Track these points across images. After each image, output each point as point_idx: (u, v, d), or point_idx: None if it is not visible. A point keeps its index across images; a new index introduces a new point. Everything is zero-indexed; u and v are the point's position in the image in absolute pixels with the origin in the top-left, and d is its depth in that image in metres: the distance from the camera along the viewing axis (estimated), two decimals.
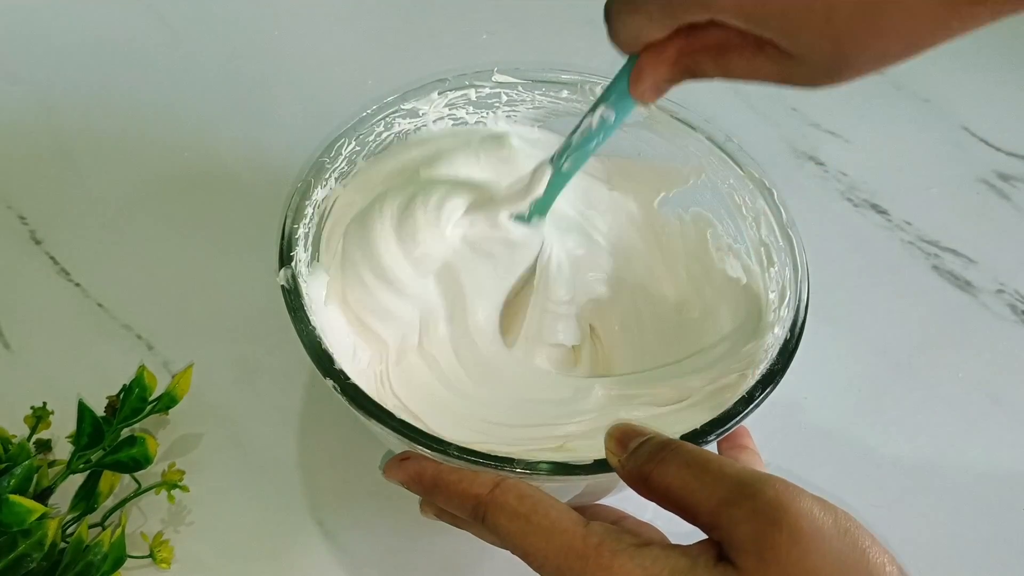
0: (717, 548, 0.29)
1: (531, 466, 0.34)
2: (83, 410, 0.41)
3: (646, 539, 0.30)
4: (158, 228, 0.54)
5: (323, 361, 0.37)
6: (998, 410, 0.50)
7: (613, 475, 0.33)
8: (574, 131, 0.38)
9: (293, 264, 0.39)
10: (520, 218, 0.41)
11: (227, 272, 0.52)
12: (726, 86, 0.63)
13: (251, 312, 0.51)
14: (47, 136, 0.57)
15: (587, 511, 0.37)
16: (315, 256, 0.42)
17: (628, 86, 0.33)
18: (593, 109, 0.36)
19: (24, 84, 0.60)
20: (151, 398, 0.44)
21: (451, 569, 0.43)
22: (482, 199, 0.42)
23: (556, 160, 0.39)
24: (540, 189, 0.40)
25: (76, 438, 0.41)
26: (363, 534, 0.44)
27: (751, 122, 0.61)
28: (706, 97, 0.62)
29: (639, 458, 0.31)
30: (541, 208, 0.41)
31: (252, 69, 0.62)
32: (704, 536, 0.30)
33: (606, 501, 0.40)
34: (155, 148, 0.57)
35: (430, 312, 0.42)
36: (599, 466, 0.34)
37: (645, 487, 0.31)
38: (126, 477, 0.43)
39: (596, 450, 0.34)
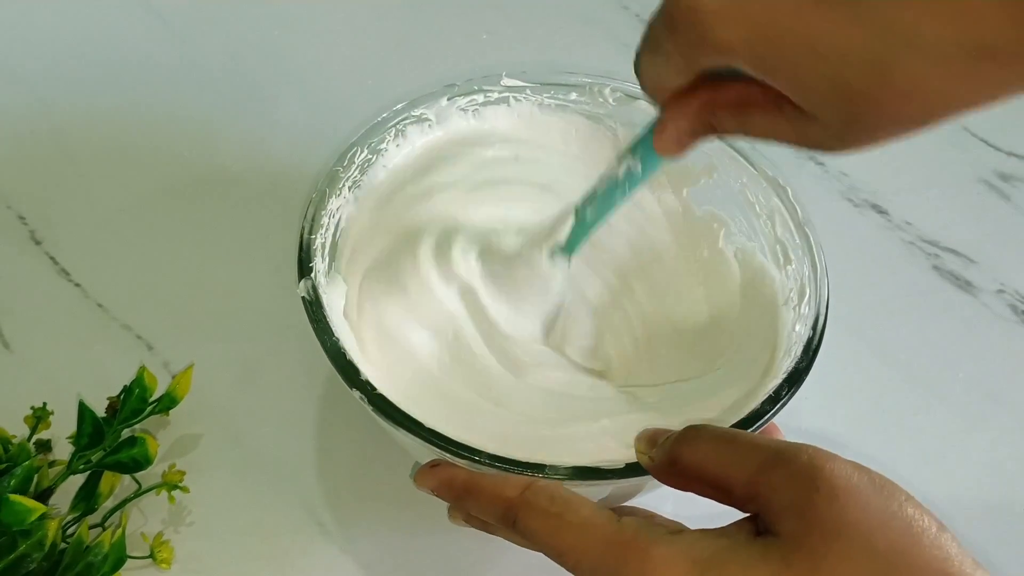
0: (753, 524, 0.29)
1: (561, 471, 0.33)
2: (83, 410, 0.41)
3: (680, 525, 0.30)
4: (158, 228, 0.54)
5: (348, 372, 0.36)
6: (998, 410, 0.50)
7: (641, 479, 0.33)
8: (599, 181, 0.38)
9: (312, 275, 0.39)
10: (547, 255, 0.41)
11: (227, 272, 0.52)
12: None
13: (251, 312, 0.50)
14: (47, 136, 0.57)
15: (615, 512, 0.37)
16: (332, 266, 0.41)
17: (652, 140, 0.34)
18: (620, 160, 0.36)
19: (24, 84, 0.60)
20: (151, 399, 0.44)
21: (453, 569, 0.43)
22: (495, 241, 0.42)
23: (580, 208, 0.39)
24: (561, 236, 0.40)
25: (76, 438, 0.41)
26: (364, 534, 0.44)
27: None
28: None
29: (667, 445, 0.31)
30: (568, 250, 0.40)
31: (252, 69, 0.62)
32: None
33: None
34: (155, 148, 0.57)
35: (450, 333, 0.42)
36: (630, 470, 0.34)
37: (676, 470, 0.31)
38: (126, 478, 0.43)
39: (626, 454, 0.34)
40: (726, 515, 0.30)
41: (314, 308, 0.38)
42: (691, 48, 0.29)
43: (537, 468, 0.34)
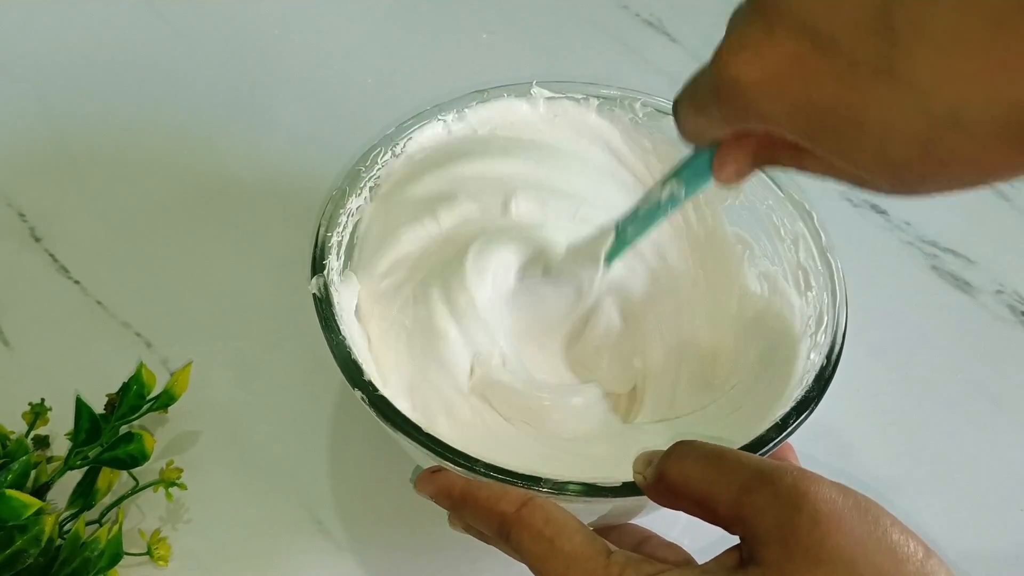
0: (736, 554, 0.29)
1: (558, 486, 0.33)
2: (80, 406, 0.41)
3: (665, 567, 0.29)
4: (158, 226, 0.54)
5: (352, 372, 0.36)
6: (997, 411, 0.50)
7: (638, 499, 0.33)
8: (641, 200, 0.38)
9: (325, 272, 0.39)
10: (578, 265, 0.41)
11: (226, 270, 0.52)
12: None
13: (250, 310, 0.51)
14: (46, 133, 0.57)
15: (612, 531, 0.37)
16: (348, 265, 0.41)
17: (706, 167, 0.33)
18: (663, 183, 0.36)
19: (24, 82, 0.60)
20: (150, 396, 0.44)
21: (451, 570, 0.43)
22: (534, 253, 0.42)
23: (621, 226, 0.39)
24: (599, 252, 0.40)
25: (74, 434, 0.41)
26: (361, 532, 0.44)
27: None
28: None
29: (657, 461, 0.32)
30: (608, 260, 0.40)
31: (252, 67, 0.62)
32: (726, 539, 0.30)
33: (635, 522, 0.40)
34: (154, 147, 0.57)
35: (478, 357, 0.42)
36: (627, 488, 0.33)
37: (664, 486, 0.31)
38: (124, 475, 0.43)
39: (624, 473, 0.34)
40: (731, 539, 0.30)
41: (323, 306, 0.38)
42: (736, 116, 0.29)
43: (533, 480, 0.33)
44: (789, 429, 0.36)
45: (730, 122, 0.30)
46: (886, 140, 0.25)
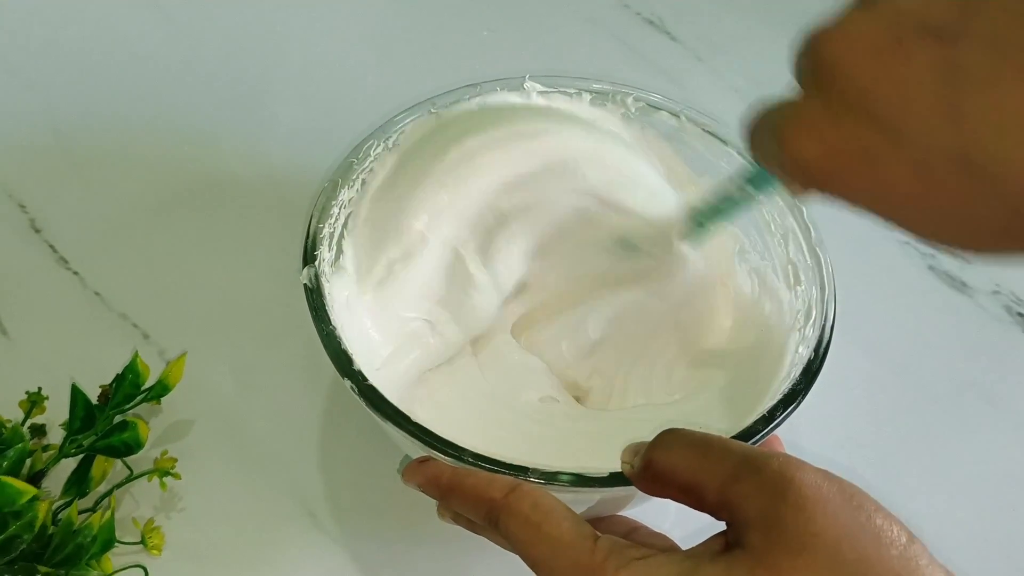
0: (722, 539, 0.29)
1: (547, 476, 0.34)
2: (76, 394, 0.41)
3: (651, 551, 0.30)
4: (157, 219, 0.54)
5: (342, 361, 0.37)
6: (993, 411, 0.50)
7: (626, 489, 0.33)
8: (715, 193, 0.39)
9: (317, 263, 0.39)
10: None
11: (224, 264, 0.52)
12: (725, 84, 0.63)
13: (247, 304, 0.51)
14: (47, 126, 0.58)
15: (601, 523, 0.37)
16: (339, 256, 0.42)
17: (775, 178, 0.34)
18: (735, 181, 0.37)
19: (24, 75, 0.60)
20: (144, 386, 0.44)
21: (443, 562, 0.43)
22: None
23: (696, 215, 0.40)
24: (671, 235, 0.41)
25: (69, 422, 0.42)
26: (353, 525, 0.44)
27: None
28: (706, 97, 0.63)
29: (643, 450, 0.32)
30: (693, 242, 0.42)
31: (252, 64, 0.62)
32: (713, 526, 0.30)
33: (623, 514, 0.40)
34: (155, 140, 0.58)
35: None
36: (615, 479, 0.34)
37: (651, 475, 0.31)
38: (119, 464, 0.43)
39: (612, 463, 0.34)
40: (720, 526, 0.30)
41: (314, 296, 0.38)
42: (803, 185, 0.28)
43: (520, 470, 0.34)
44: (776, 421, 0.36)
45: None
46: (963, 223, 0.25)
